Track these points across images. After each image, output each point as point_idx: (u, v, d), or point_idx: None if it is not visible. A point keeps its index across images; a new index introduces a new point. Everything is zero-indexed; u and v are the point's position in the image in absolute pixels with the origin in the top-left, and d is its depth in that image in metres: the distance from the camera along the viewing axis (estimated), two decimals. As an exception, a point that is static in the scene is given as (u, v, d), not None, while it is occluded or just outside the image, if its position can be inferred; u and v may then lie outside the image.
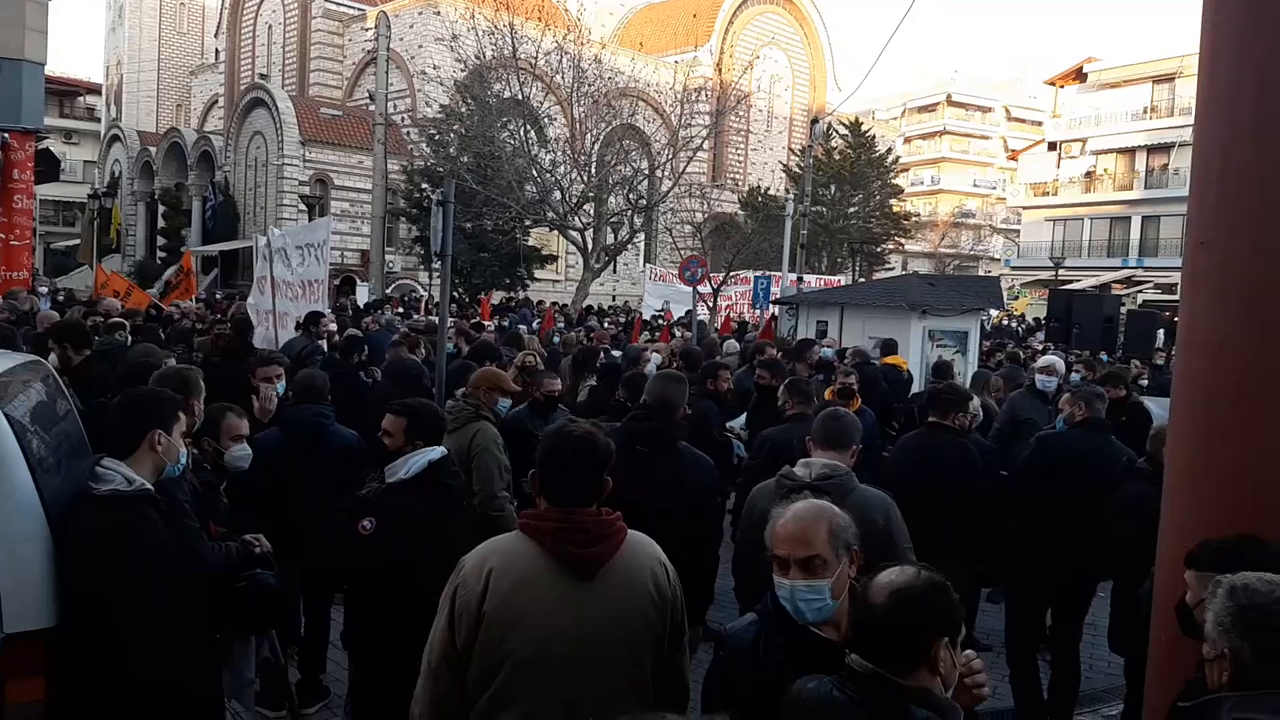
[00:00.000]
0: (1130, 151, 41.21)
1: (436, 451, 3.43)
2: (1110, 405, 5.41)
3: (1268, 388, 2.49)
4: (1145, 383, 11.29)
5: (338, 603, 4.09)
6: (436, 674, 2.27)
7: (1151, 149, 40.33)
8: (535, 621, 2.22)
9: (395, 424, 3.42)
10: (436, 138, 27.54)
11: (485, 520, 4.23)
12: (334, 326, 9.54)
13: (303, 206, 31.33)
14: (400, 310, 19.09)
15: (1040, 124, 53.75)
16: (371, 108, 24.07)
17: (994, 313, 22.51)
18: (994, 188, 63.84)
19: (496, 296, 26.77)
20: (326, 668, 4.78)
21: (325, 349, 8.38)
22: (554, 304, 23.67)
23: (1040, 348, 15.02)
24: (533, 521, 2.37)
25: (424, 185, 27.53)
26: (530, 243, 29.01)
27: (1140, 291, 36.64)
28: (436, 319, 8.58)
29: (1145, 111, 40.43)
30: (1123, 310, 13.01)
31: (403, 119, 32.72)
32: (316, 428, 4.57)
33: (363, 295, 23.35)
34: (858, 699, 1.86)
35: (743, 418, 6.47)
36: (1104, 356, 11.50)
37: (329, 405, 4.76)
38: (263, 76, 38.32)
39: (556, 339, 12.36)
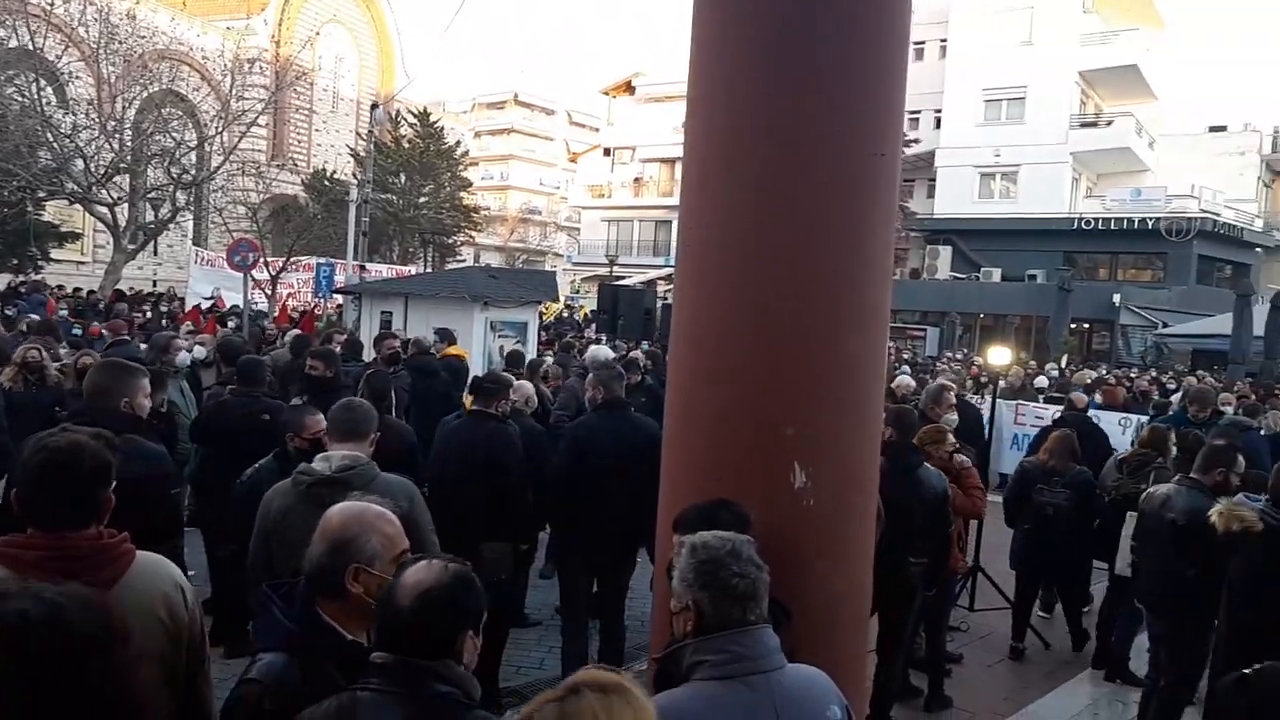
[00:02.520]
0: (671, 161, 45.86)
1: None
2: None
3: (735, 373, 2.93)
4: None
5: None
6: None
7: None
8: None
9: None
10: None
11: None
12: None
13: None
14: None
15: (598, 130, 57.78)
16: None
17: (557, 304, 23.88)
18: (558, 187, 67.45)
19: (1, 280, 22.70)
20: None
21: None
22: (60, 289, 20.66)
23: (595, 338, 16.29)
24: (11, 550, 2.07)
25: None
26: (46, 217, 25.03)
27: (679, 287, 41.01)
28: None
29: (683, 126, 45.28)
30: (660, 303, 14.52)
31: None
32: None
33: None
34: (380, 690, 1.85)
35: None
36: (645, 344, 12.71)
37: None
38: None
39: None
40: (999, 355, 7.93)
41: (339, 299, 19.17)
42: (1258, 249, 34.09)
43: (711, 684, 2.01)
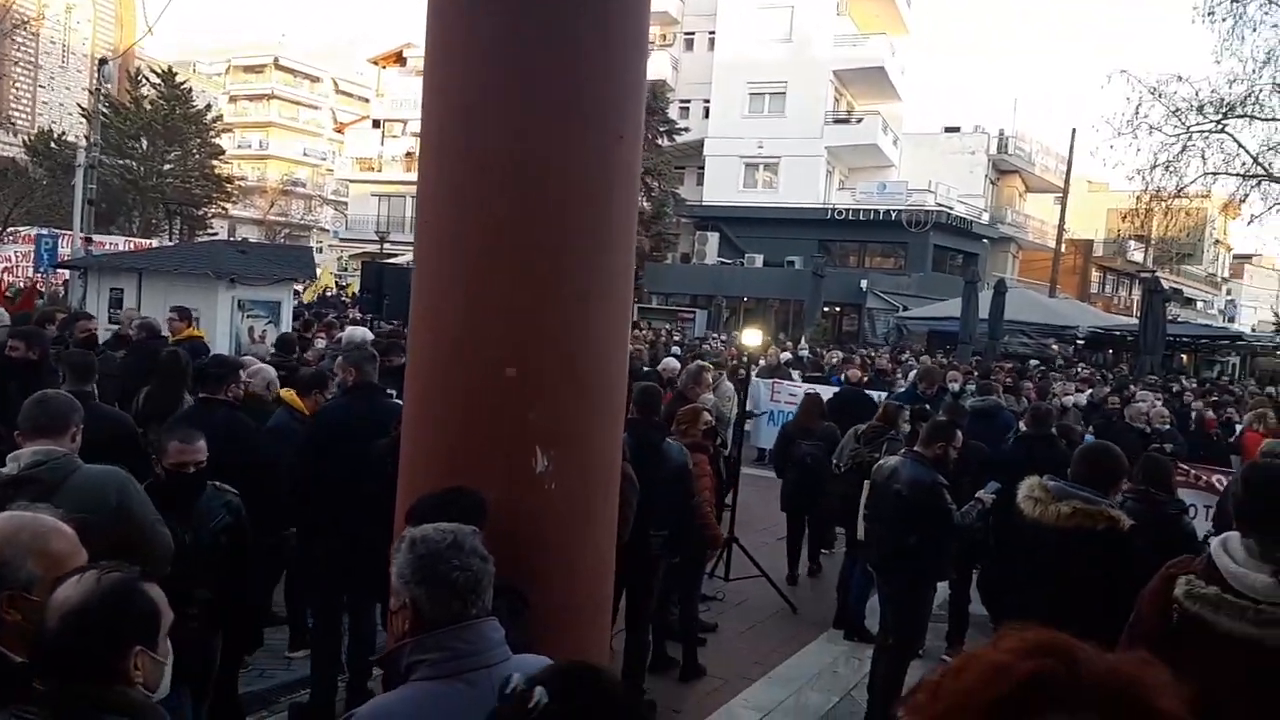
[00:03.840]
0: (444, 137, 44.81)
1: None
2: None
3: (473, 357, 2.83)
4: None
5: None
6: None
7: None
8: None
9: None
10: None
11: None
12: None
13: None
14: None
15: (367, 100, 55.35)
16: None
17: (322, 282, 22.62)
18: (324, 158, 64.13)
19: None
20: None
21: None
22: None
23: (360, 318, 15.59)
24: None
25: None
26: None
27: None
28: None
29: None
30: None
31: None
32: None
33: None
34: (40, 720, 1.64)
35: None
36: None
37: None
38: None
39: None
40: (751, 337, 8.32)
41: (65, 274, 17.25)
42: (984, 240, 37.82)
43: (429, 684, 1.90)
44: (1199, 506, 7.33)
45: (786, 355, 18.39)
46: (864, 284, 33.48)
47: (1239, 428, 11.51)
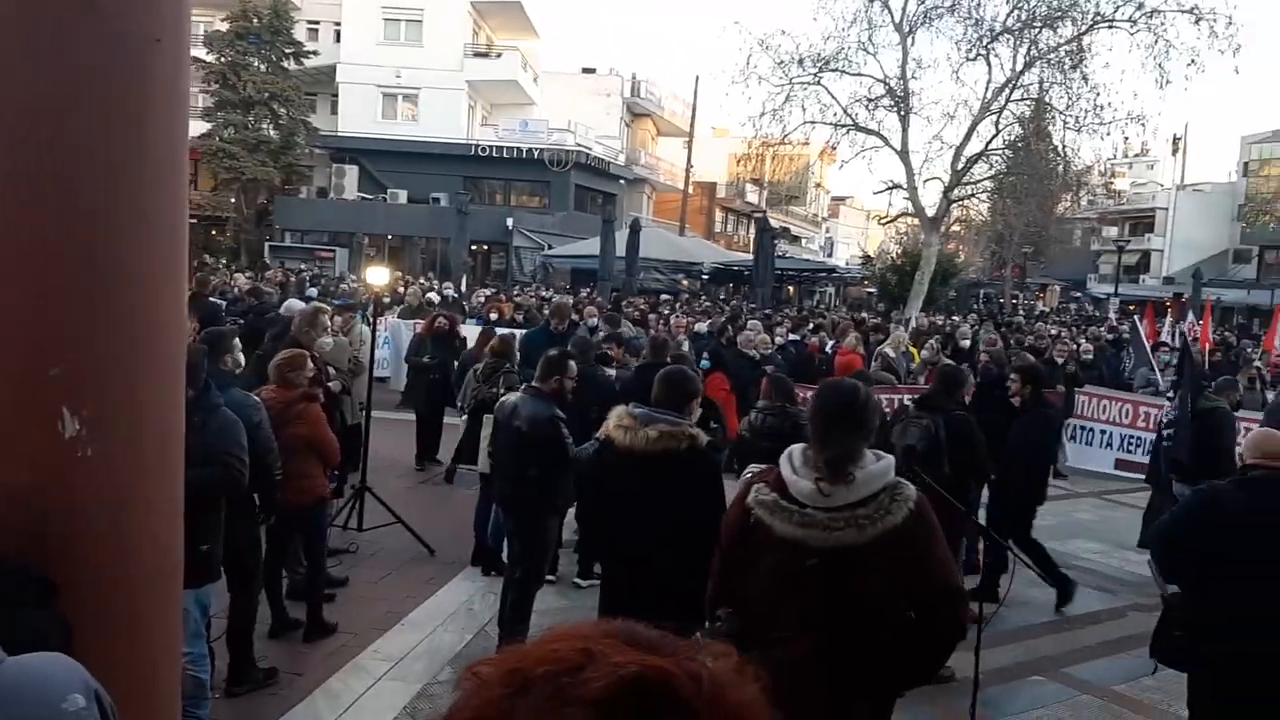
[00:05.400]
0: None
1: None
2: None
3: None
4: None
5: None
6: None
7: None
8: None
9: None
10: None
11: None
12: None
13: None
14: None
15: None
16: None
17: None
18: None
19: None
20: None
21: None
22: None
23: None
24: None
25: None
26: None
27: None
28: None
29: None
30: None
31: None
32: None
33: None
34: None
35: None
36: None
37: None
38: None
39: None
40: (377, 275, 7.92)
41: None
42: (621, 180, 39.56)
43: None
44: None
45: (434, 296, 18.03)
46: (510, 222, 33.70)
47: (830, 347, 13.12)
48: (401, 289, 17.46)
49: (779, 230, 39.82)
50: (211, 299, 12.85)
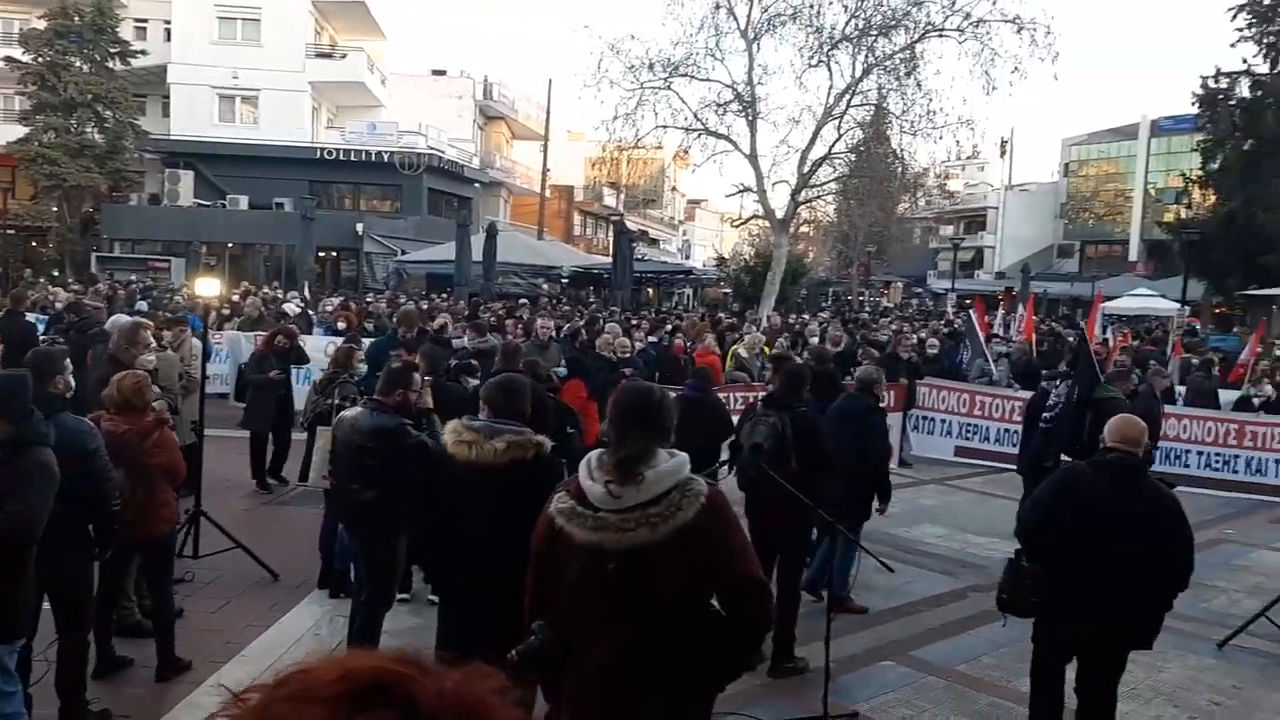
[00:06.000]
0: None
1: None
2: None
3: None
4: None
5: None
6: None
7: None
8: None
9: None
10: None
11: None
12: None
13: None
14: None
15: None
16: None
17: None
18: None
19: None
20: None
21: None
22: None
23: None
24: None
25: None
26: None
27: None
28: None
29: None
30: None
31: None
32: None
33: None
34: None
35: None
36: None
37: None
38: None
39: None
40: (207, 286, 7.44)
41: None
42: (476, 184, 38.94)
43: None
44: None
45: (291, 307, 17.24)
46: (360, 227, 32.67)
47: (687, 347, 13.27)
48: (239, 299, 16.62)
49: (637, 233, 40.21)
50: (27, 316, 11.88)
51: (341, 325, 13.82)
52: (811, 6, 22.48)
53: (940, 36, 22.28)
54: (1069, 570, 4.23)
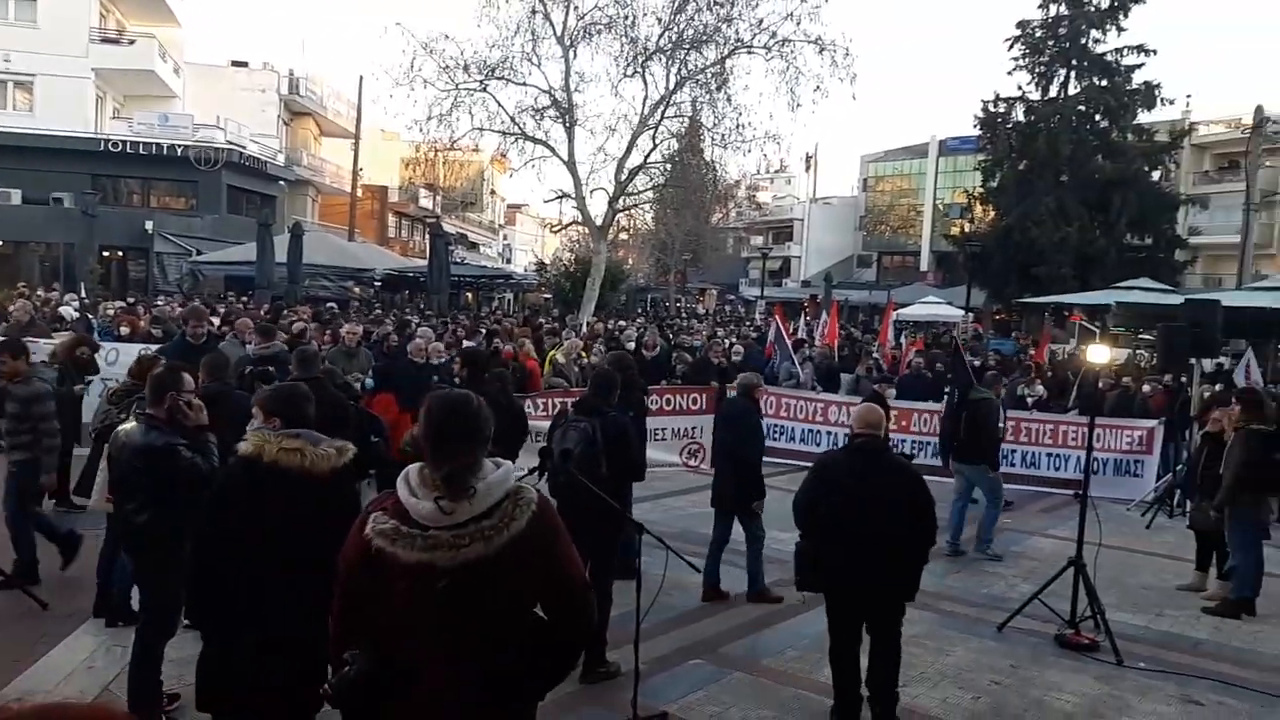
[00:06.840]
0: None
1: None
2: None
3: None
4: None
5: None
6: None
7: None
8: None
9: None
10: None
11: None
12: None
13: None
14: None
15: None
16: None
17: None
18: None
19: None
20: None
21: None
22: None
23: None
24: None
25: None
26: None
27: None
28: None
29: None
30: None
31: None
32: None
33: None
34: None
35: None
36: None
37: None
38: None
39: None
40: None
41: None
42: (280, 182, 37.05)
43: None
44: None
45: (69, 310, 15.75)
46: (150, 225, 30.41)
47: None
48: (7, 303, 15.08)
49: (455, 236, 39.48)
50: None
51: (125, 330, 12.80)
52: (626, 18, 22.85)
53: (749, 53, 23.15)
54: (828, 542, 5.05)
